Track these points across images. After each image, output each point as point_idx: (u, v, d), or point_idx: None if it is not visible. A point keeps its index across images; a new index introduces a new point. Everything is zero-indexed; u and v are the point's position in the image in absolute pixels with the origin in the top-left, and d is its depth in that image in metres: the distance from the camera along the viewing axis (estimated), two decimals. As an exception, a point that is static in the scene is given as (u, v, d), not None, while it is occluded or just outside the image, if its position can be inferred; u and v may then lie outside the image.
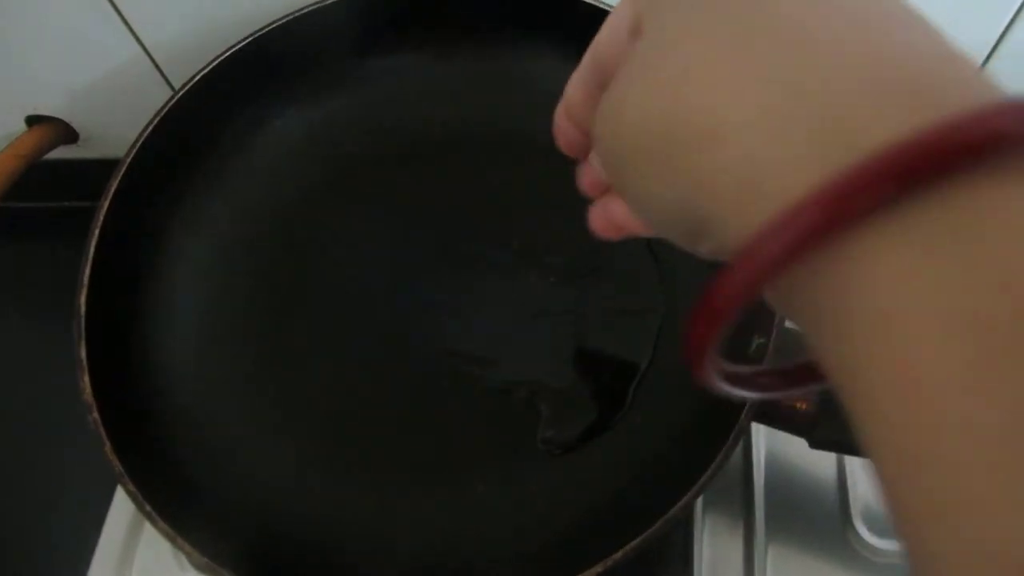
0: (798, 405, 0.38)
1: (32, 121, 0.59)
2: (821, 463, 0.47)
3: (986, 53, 0.54)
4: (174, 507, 0.38)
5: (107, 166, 0.46)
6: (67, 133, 0.60)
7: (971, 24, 0.52)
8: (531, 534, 0.42)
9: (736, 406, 0.38)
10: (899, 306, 0.15)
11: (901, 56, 0.18)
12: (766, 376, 0.22)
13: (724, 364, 0.21)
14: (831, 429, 0.38)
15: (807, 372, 0.21)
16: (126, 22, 0.53)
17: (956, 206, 0.15)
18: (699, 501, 0.46)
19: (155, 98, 0.49)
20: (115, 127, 0.58)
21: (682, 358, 0.19)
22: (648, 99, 0.20)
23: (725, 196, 0.18)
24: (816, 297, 0.17)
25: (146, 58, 0.55)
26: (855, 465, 0.46)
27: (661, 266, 0.48)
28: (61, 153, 0.60)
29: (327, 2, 0.49)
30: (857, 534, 0.45)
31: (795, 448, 0.41)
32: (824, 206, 0.16)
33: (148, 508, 0.37)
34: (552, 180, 0.50)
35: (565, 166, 0.50)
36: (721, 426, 0.38)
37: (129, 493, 0.38)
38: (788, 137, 0.17)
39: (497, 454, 0.44)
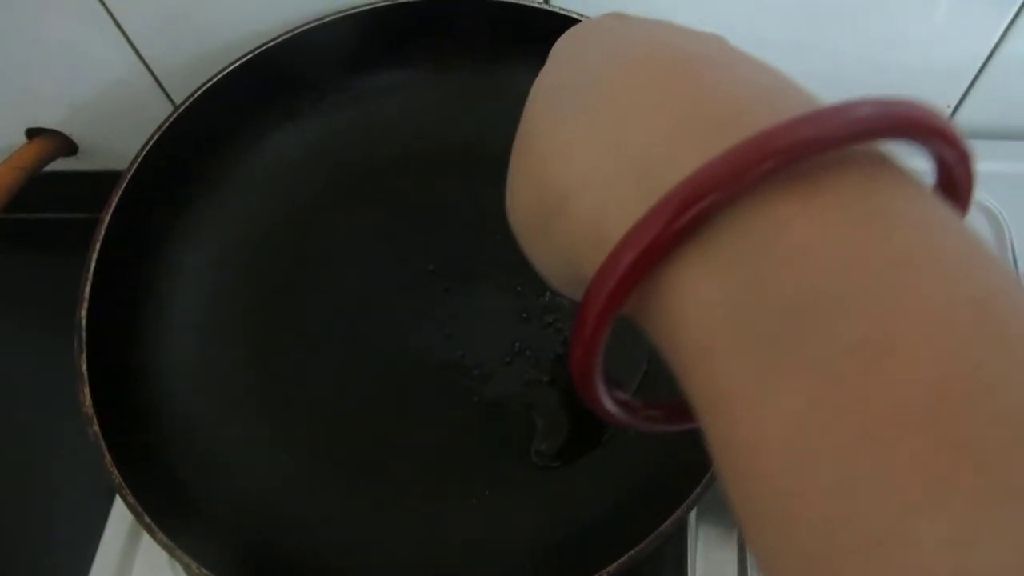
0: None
1: (32, 133, 0.59)
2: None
3: (977, 67, 0.54)
4: (173, 519, 0.39)
5: (106, 178, 0.46)
6: (66, 145, 0.60)
7: (962, 39, 0.53)
8: (525, 546, 0.43)
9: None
10: (703, 329, 0.17)
11: (720, 96, 0.19)
12: (654, 408, 0.23)
13: (615, 392, 0.22)
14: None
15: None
16: (126, 36, 0.53)
17: (745, 230, 0.16)
18: (692, 512, 0.46)
19: (154, 111, 0.49)
20: (114, 140, 0.58)
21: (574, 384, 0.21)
22: (519, 184, 0.23)
23: (585, 250, 0.20)
24: (657, 323, 0.18)
25: (145, 71, 0.55)
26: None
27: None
28: (60, 165, 0.60)
29: (327, 19, 0.50)
30: (849, 546, 0.45)
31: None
32: (632, 244, 0.17)
33: (147, 519, 0.38)
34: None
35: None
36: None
37: (128, 505, 0.38)
38: (618, 189, 0.19)
39: (491, 466, 0.45)
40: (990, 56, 0.53)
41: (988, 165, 0.56)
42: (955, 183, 0.18)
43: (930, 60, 0.54)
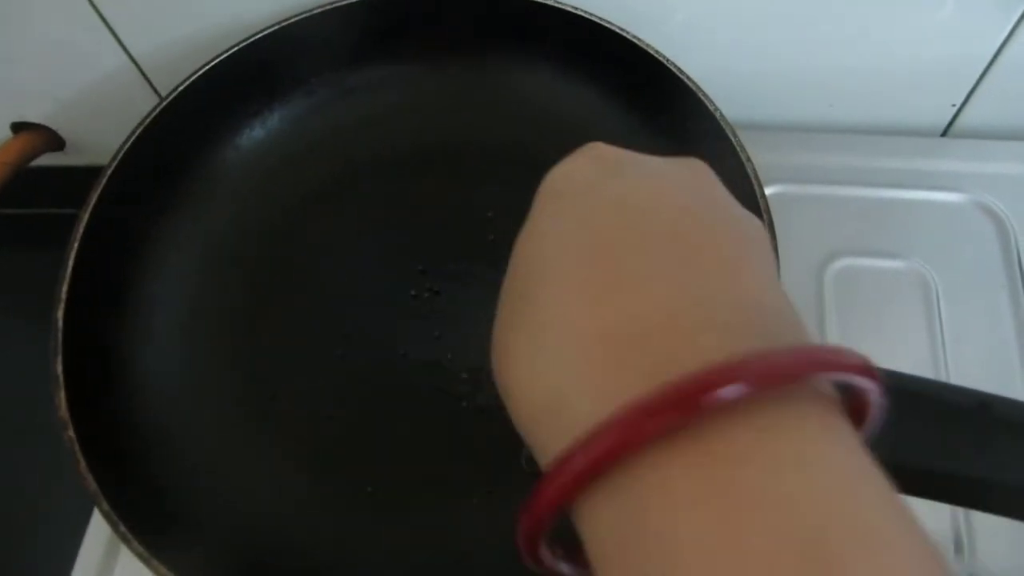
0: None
1: (18, 128, 0.59)
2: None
3: (982, 67, 0.54)
4: (150, 528, 0.38)
5: (93, 173, 0.46)
6: (53, 140, 0.59)
7: (967, 38, 0.52)
8: (513, 556, 0.42)
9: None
10: (668, 529, 0.17)
11: (709, 297, 0.20)
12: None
13: (560, 563, 0.22)
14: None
15: None
16: (113, 31, 0.52)
17: (719, 440, 0.17)
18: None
19: (142, 106, 0.48)
20: (101, 134, 0.58)
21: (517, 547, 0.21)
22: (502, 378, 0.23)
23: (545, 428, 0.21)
24: (612, 518, 0.19)
25: (133, 66, 0.55)
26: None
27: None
28: (47, 160, 0.59)
29: (315, 12, 0.49)
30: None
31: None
32: (604, 439, 0.18)
33: (123, 529, 0.37)
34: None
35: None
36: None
37: (104, 513, 0.37)
38: (594, 373, 0.20)
39: (481, 473, 0.44)
40: (996, 56, 0.53)
41: (993, 167, 0.55)
42: (863, 411, 0.20)
43: (935, 59, 0.54)
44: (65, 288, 0.42)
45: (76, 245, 0.43)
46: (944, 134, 0.59)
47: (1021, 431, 0.36)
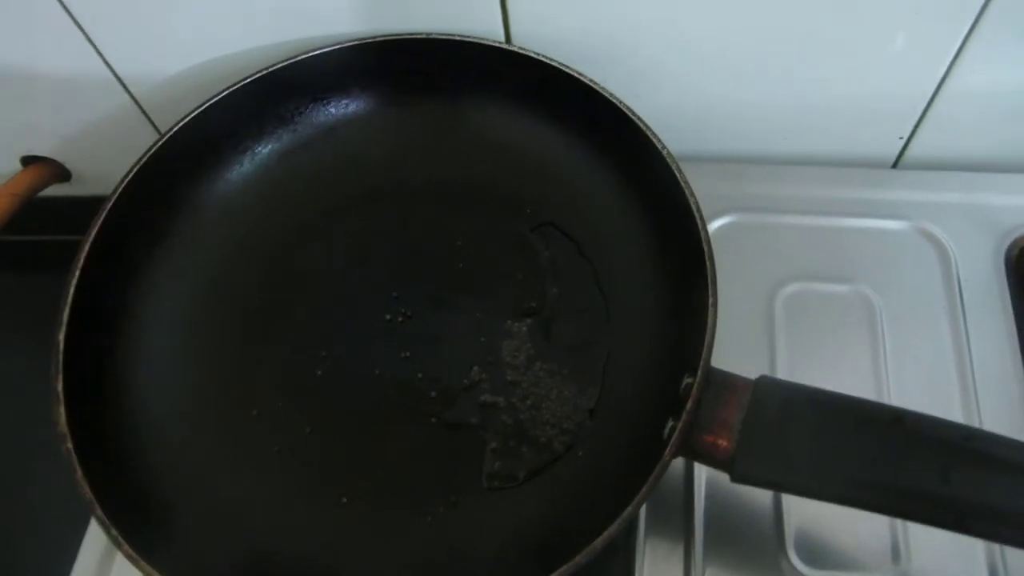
0: (719, 442, 0.40)
1: (27, 161, 0.62)
2: (758, 494, 0.48)
3: (926, 101, 0.57)
4: (140, 533, 0.40)
5: (98, 203, 0.49)
6: (60, 172, 0.63)
7: (911, 72, 0.55)
8: (477, 562, 0.45)
9: (663, 442, 0.41)
10: None
11: None
12: None
13: None
14: (750, 465, 0.40)
15: None
16: (115, 73, 0.56)
17: None
18: (641, 529, 0.48)
19: (143, 140, 0.51)
20: (105, 167, 0.61)
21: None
22: None
23: None
24: None
25: (134, 105, 0.58)
26: (790, 498, 0.48)
27: (608, 303, 0.51)
28: (55, 191, 0.63)
29: (300, 58, 0.53)
30: (790, 563, 0.46)
31: (733, 479, 0.43)
32: None
33: (114, 532, 0.39)
34: (507, 226, 0.53)
35: (520, 213, 0.53)
36: (652, 461, 0.41)
37: (97, 519, 0.40)
38: None
39: (446, 485, 0.47)
40: (936, 91, 0.55)
41: (935, 196, 0.58)
42: None
43: (881, 94, 0.56)
44: (67, 311, 0.45)
45: (78, 271, 0.46)
46: (895, 166, 0.62)
47: (930, 442, 0.39)
